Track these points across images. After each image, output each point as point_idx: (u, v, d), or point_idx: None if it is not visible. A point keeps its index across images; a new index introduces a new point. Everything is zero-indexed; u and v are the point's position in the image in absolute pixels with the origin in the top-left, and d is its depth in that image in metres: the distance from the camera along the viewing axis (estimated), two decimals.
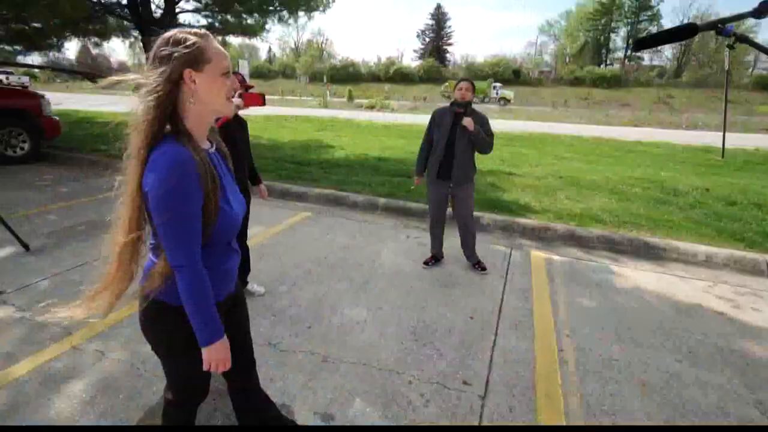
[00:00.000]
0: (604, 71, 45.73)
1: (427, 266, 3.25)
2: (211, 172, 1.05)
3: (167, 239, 0.99)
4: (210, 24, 8.77)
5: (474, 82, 2.97)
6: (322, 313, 2.55)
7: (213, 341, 1.06)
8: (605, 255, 3.66)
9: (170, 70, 0.98)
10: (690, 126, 20.05)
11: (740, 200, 5.25)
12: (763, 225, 4.22)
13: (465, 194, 3.06)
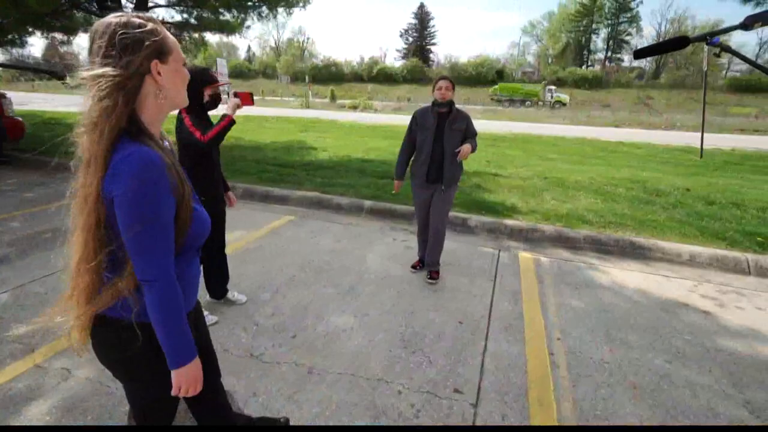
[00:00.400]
0: (585, 72, 46.67)
1: (415, 270, 3.18)
2: (179, 172, 0.96)
3: (139, 252, 0.88)
4: (185, 20, 8.50)
5: (453, 82, 2.82)
6: (306, 321, 2.45)
7: (185, 363, 0.95)
8: (593, 255, 3.67)
9: (140, 60, 0.88)
10: (669, 127, 20.64)
11: (719, 200, 5.37)
12: (743, 224, 4.31)
13: (448, 195, 2.91)
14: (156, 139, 0.94)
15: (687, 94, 41.72)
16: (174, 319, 0.92)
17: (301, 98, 30.08)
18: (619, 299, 2.88)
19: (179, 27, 9.34)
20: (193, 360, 0.97)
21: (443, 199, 2.92)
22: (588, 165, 8.15)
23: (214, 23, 9.10)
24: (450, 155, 2.79)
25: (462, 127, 2.80)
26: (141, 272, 0.89)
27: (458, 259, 3.45)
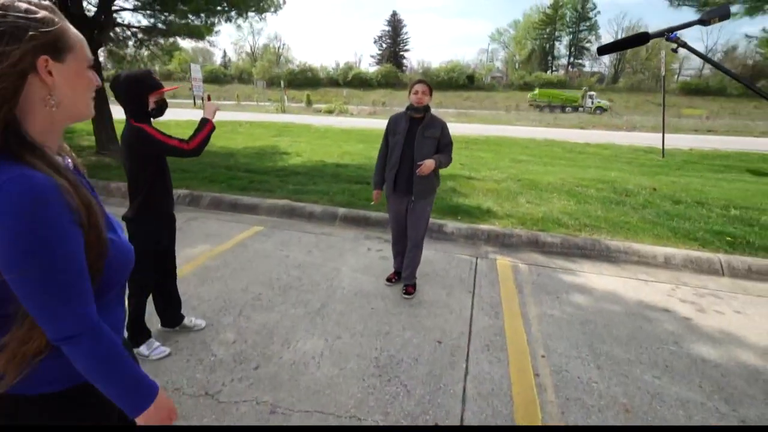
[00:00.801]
0: (550, 77, 48.43)
1: (390, 284, 2.99)
2: (85, 196, 0.73)
3: (41, 306, 0.67)
4: (152, 24, 8.02)
5: (431, 86, 2.65)
6: (272, 348, 2.21)
7: (148, 404, 0.78)
8: (570, 260, 3.61)
9: (19, 54, 0.65)
10: (629, 128, 21.53)
11: (685, 199, 5.51)
12: (711, 223, 4.39)
13: (422, 208, 2.71)
14: (49, 156, 0.71)
15: (644, 97, 44.05)
16: (118, 368, 0.75)
17: (276, 103, 29.50)
18: (600, 307, 2.80)
19: (147, 32, 8.81)
20: (157, 393, 0.80)
21: (417, 214, 2.72)
22: (558, 166, 8.26)
23: (184, 28, 8.63)
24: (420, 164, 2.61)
25: (436, 134, 2.60)
26: (54, 330, 0.68)
27: (435, 269, 3.29)
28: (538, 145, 11.54)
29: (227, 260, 3.28)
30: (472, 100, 42.32)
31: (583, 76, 51.51)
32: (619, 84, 49.92)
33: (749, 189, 6.52)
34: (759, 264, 3.49)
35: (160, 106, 1.99)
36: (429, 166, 2.51)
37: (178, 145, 1.91)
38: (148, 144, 1.89)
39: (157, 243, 2.09)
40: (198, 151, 1.96)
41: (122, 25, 8.11)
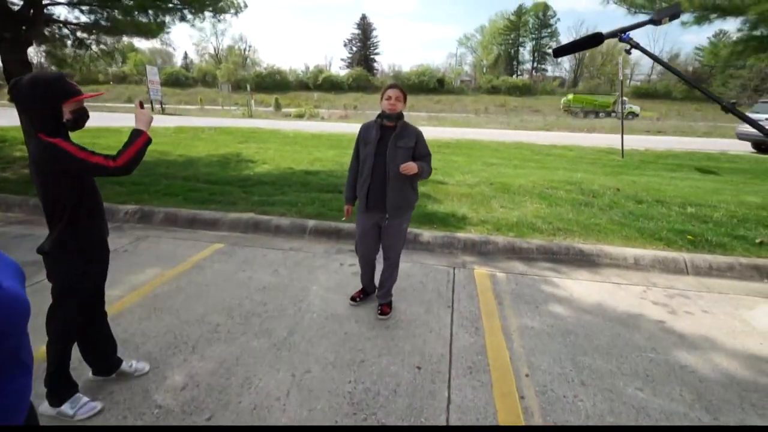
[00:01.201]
0: (516, 81, 49.97)
1: (356, 303, 2.75)
2: None
3: None
4: (94, 21, 7.38)
5: (405, 92, 2.40)
6: (229, 392, 1.95)
7: None
8: (546, 267, 3.54)
9: None
10: (590, 130, 22.47)
11: (646, 198, 5.67)
12: (672, 222, 4.50)
13: (397, 226, 2.49)
14: None
15: None
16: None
17: (243, 107, 28.56)
18: (579, 316, 2.73)
19: (87, 29, 8.14)
20: None
21: (392, 233, 2.51)
22: (528, 168, 8.38)
23: (130, 25, 8.03)
24: (394, 178, 2.38)
25: (409, 144, 2.38)
26: None
27: (412, 283, 3.12)
28: (508, 148, 11.72)
29: (181, 286, 2.96)
30: (442, 103, 42.86)
31: (546, 80, 53.57)
32: (578, 88, 52.27)
33: (700, 186, 6.84)
34: (718, 261, 3.58)
35: (77, 117, 1.68)
36: (412, 167, 2.28)
37: (102, 162, 1.61)
38: (65, 163, 1.58)
39: (82, 279, 1.77)
40: (128, 168, 1.66)
41: (57, 21, 7.42)
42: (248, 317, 2.58)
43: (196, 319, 2.54)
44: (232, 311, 2.64)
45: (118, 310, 2.60)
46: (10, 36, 6.03)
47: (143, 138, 1.69)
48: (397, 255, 2.61)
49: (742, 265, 3.52)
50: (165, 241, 3.87)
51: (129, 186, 5.56)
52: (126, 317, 2.53)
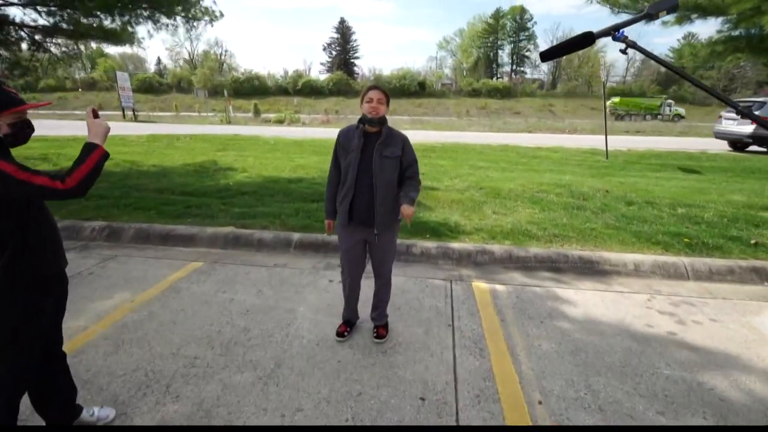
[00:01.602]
0: (496, 83, 50.74)
1: (342, 339, 2.41)
2: None
3: None
4: (54, 24, 6.90)
5: (388, 93, 2.16)
6: None
7: None
8: (546, 276, 3.39)
9: None
10: (572, 131, 22.89)
11: (635, 199, 5.65)
12: (666, 224, 4.45)
13: (388, 241, 2.27)
14: None
15: (580, 102, 47.51)
16: None
17: (221, 113, 27.88)
18: (586, 331, 2.57)
19: (47, 33, 7.66)
20: None
21: (382, 248, 2.28)
22: (516, 172, 8.32)
23: (95, 30, 7.59)
24: (382, 190, 2.14)
25: (397, 152, 2.16)
26: None
27: (408, 300, 2.92)
28: (494, 151, 11.70)
29: (153, 312, 2.67)
30: (424, 107, 43.06)
31: (525, 82, 54.62)
32: (557, 90, 53.51)
33: (685, 186, 6.90)
34: (718, 265, 3.51)
35: (18, 131, 1.42)
36: (410, 212, 2.06)
37: (48, 184, 1.33)
38: (1, 186, 1.32)
39: (33, 320, 1.50)
40: (79, 190, 1.38)
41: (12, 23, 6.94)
42: (230, 347, 2.31)
43: (171, 351, 2.26)
44: (212, 340, 2.37)
45: (80, 344, 2.30)
46: None
47: (98, 153, 1.42)
48: (389, 271, 2.39)
49: (742, 268, 3.45)
50: (136, 261, 3.55)
51: (95, 200, 5.17)
52: (89, 353, 2.23)
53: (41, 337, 1.54)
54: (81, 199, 5.22)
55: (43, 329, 1.54)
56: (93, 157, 1.40)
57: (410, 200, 2.12)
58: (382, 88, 2.14)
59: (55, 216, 1.63)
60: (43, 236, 1.51)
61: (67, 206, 4.86)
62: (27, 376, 1.54)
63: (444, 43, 65.46)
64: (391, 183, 2.18)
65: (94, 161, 1.40)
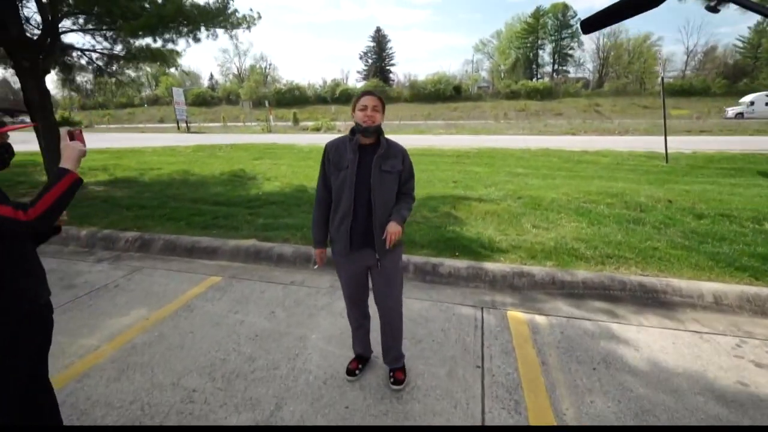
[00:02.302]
0: (536, 84, 48.70)
1: (353, 377, 2.12)
2: None
3: None
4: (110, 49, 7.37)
5: (383, 99, 1.90)
6: None
7: None
8: (598, 307, 2.92)
9: None
10: (622, 132, 21.25)
11: (707, 212, 4.90)
12: (751, 244, 3.73)
13: (392, 265, 1.97)
14: None
15: (630, 100, 44.40)
16: None
17: (263, 123, 29.06)
18: (654, 386, 2.09)
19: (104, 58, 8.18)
20: None
21: (387, 273, 1.96)
22: (559, 179, 7.67)
23: (145, 52, 8.02)
24: (381, 209, 1.85)
25: (398, 166, 1.89)
26: None
27: (431, 331, 2.58)
28: (534, 156, 10.99)
29: (164, 333, 2.55)
30: (460, 110, 42.16)
31: (568, 81, 51.98)
32: (604, 88, 50.40)
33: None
34: None
35: None
36: (396, 232, 1.80)
37: (10, 215, 1.18)
38: None
39: (11, 362, 1.35)
40: (42, 222, 1.21)
41: (76, 48, 7.45)
42: (231, 380, 2.11)
43: (172, 381, 2.10)
44: (215, 370, 2.18)
45: (88, 366, 2.21)
46: (29, 64, 6.02)
47: (68, 180, 1.26)
48: (398, 302, 2.07)
49: None
50: (159, 274, 3.51)
51: (136, 210, 5.33)
52: (94, 377, 2.12)
53: (20, 382, 1.40)
54: (122, 209, 5.41)
55: (21, 372, 1.40)
56: (61, 185, 1.24)
57: (401, 218, 1.86)
58: (377, 94, 1.88)
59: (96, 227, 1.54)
60: (19, 270, 1.38)
61: (110, 216, 5.03)
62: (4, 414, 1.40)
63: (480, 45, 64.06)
64: (391, 200, 1.90)
65: (62, 189, 1.24)
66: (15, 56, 6.01)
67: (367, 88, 4.74)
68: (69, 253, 4.07)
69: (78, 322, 2.67)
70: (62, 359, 2.26)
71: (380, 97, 1.87)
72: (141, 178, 8.02)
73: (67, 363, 2.22)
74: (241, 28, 8.38)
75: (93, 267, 3.67)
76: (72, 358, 2.26)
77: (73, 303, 2.94)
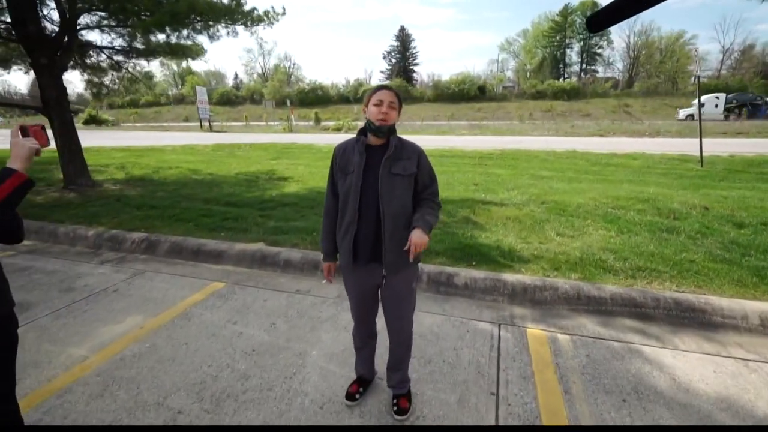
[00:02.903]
0: (563, 84, 47.30)
1: (352, 402, 1.91)
2: None
3: None
4: (128, 44, 7.49)
5: (401, 96, 1.67)
6: None
7: None
8: (629, 326, 2.62)
9: None
10: (653, 134, 20.24)
11: (748, 220, 4.46)
12: None
13: (402, 286, 1.75)
14: None
15: (661, 101, 42.50)
16: None
17: (285, 122, 29.40)
18: (695, 423, 1.82)
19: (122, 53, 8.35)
20: None
21: (396, 294, 1.76)
22: (585, 182, 7.26)
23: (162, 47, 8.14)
24: (391, 218, 1.63)
25: (410, 169, 1.65)
26: None
27: (441, 349, 2.36)
28: (559, 158, 10.52)
29: (156, 344, 2.43)
30: (484, 111, 41.39)
31: (597, 81, 50.25)
32: (634, 88, 48.44)
33: None
34: None
35: None
36: (422, 242, 1.54)
37: None
38: None
39: None
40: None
41: (93, 46, 7.59)
42: (221, 401, 1.96)
43: (157, 400, 1.96)
44: (204, 389, 2.03)
45: (72, 380, 2.10)
46: (47, 62, 6.15)
47: (13, 181, 1.12)
48: (407, 328, 1.86)
49: None
50: (161, 278, 3.42)
51: (146, 210, 5.32)
52: (76, 392, 2.01)
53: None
54: (133, 209, 5.42)
55: None
56: (5, 187, 1.10)
57: (426, 225, 1.61)
58: (395, 90, 1.65)
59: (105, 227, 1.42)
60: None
61: (120, 216, 5.03)
62: None
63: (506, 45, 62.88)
64: (403, 208, 1.66)
65: (6, 192, 1.10)
66: (33, 54, 6.13)
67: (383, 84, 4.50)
68: (75, 254, 4.05)
69: (70, 329, 2.59)
70: (47, 371, 2.16)
71: (398, 93, 1.66)
72: (156, 176, 8.11)
73: (51, 375, 2.12)
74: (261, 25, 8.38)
75: (95, 269, 3.63)
76: (57, 371, 2.16)
77: (69, 308, 2.87)
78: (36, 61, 6.06)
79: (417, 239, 1.55)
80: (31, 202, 5.91)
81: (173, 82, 66.91)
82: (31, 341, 2.43)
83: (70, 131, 6.43)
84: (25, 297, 3.03)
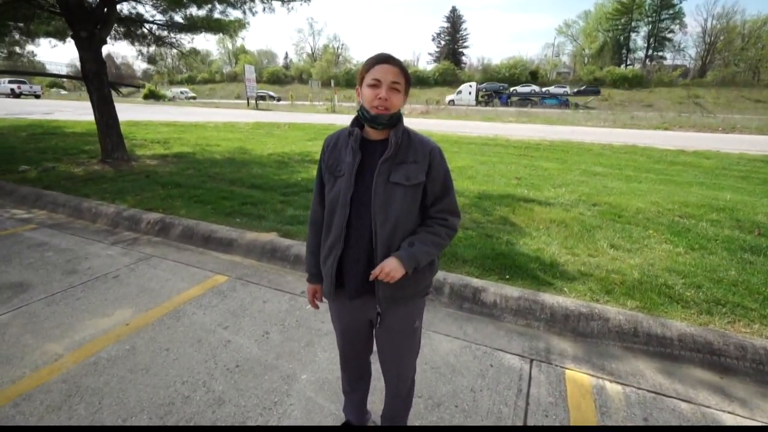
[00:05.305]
0: (624, 71, 43.42)
1: None
2: None
3: None
4: (169, 19, 7.44)
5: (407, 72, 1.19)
6: None
7: None
8: (703, 380, 2.05)
9: None
10: (727, 129, 17.92)
11: None
12: None
13: (402, 324, 1.34)
14: None
15: (737, 93, 37.91)
16: None
17: (328, 102, 29.43)
18: None
19: (167, 27, 8.38)
20: None
21: (392, 336, 1.36)
22: (646, 183, 6.35)
23: (203, 21, 8.09)
24: (386, 239, 1.20)
25: (417, 176, 1.20)
26: None
27: (456, 390, 1.94)
28: (616, 153, 9.44)
29: (136, 347, 2.19)
30: None
31: (663, 69, 45.57)
32: (706, 78, 43.42)
33: None
34: None
35: None
36: (391, 275, 1.16)
37: None
38: None
39: None
40: None
41: (132, 19, 7.61)
42: (190, 422, 1.67)
43: (114, 421, 1.70)
44: (170, 413, 1.75)
45: (35, 385, 1.87)
46: (86, 35, 6.18)
47: None
48: (405, 378, 1.45)
49: None
50: (165, 266, 3.24)
51: (170, 189, 5.23)
52: (34, 401, 1.80)
53: None
54: (157, 187, 5.36)
55: None
56: None
57: (410, 258, 1.18)
58: (399, 63, 1.17)
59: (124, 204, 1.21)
60: None
61: (143, 194, 4.97)
62: None
63: (564, 28, 58.39)
64: (403, 226, 1.23)
65: None
66: (74, 26, 6.18)
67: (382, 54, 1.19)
68: (92, 232, 3.99)
69: (56, 319, 2.43)
70: (17, 369, 1.99)
71: (403, 67, 1.17)
72: (192, 154, 8.13)
73: (17, 376, 1.94)
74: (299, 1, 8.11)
75: (105, 250, 3.51)
76: (25, 370, 1.98)
77: (64, 294, 2.73)
78: (77, 34, 6.11)
79: (387, 269, 1.15)
80: (70, 173, 6.04)
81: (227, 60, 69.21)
82: (15, 330, 2.30)
83: (108, 104, 6.50)
84: (28, 277, 2.95)
